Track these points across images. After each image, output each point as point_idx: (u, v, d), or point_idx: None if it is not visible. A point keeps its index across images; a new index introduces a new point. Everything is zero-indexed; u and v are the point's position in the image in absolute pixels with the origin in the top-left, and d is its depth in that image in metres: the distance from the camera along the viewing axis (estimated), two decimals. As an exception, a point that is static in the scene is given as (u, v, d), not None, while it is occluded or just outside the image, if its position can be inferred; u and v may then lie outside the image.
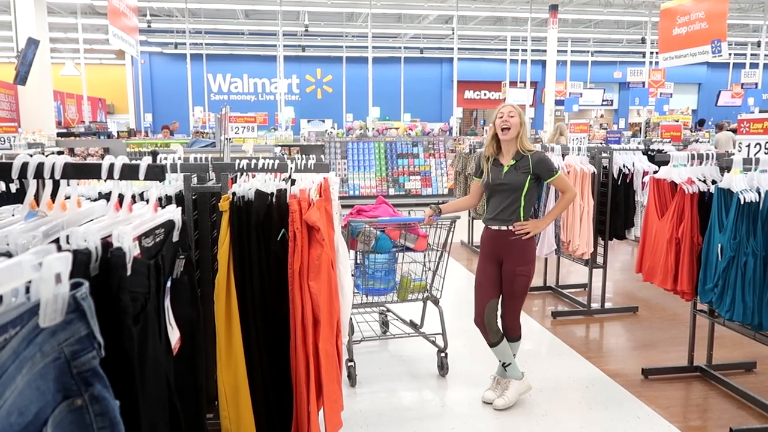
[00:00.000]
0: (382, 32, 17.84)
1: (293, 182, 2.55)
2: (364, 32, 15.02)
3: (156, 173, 1.14)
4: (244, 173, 2.64)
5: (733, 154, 3.53)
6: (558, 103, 15.38)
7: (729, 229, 3.06)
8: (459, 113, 17.59)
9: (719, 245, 3.12)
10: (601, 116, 22.12)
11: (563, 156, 5.22)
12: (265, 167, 2.58)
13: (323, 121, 16.95)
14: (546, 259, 5.58)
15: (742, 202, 2.98)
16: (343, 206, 3.49)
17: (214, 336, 2.34)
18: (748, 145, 3.49)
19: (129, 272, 0.94)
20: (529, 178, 3.18)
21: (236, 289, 2.32)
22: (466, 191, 7.61)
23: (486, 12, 15.52)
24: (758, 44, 16.00)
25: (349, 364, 3.63)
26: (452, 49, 15.36)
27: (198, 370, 1.48)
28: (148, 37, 17.88)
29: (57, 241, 0.92)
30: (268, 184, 2.50)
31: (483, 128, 16.21)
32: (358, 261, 3.73)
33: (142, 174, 1.11)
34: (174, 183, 2.53)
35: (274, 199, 2.39)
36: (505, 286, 3.28)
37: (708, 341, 3.78)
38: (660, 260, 3.57)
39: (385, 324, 4.44)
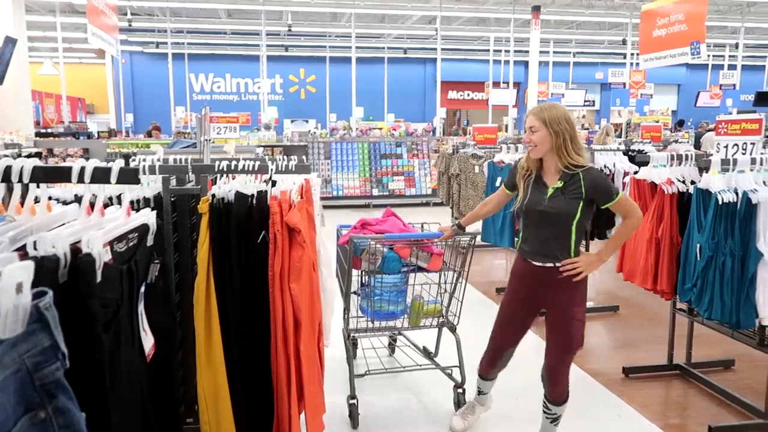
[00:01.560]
0: (366, 32, 17.81)
1: (274, 184, 2.53)
2: (348, 32, 15.00)
3: (129, 176, 1.12)
4: (224, 175, 2.61)
5: (711, 154, 3.58)
6: (540, 103, 15.46)
7: (707, 229, 3.09)
8: (443, 114, 17.65)
9: (698, 245, 3.15)
10: (583, 116, 22.31)
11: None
12: (246, 169, 2.55)
13: (307, 122, 16.86)
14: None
15: (720, 203, 3.01)
16: (324, 207, 3.32)
17: (194, 340, 2.31)
18: (726, 146, 3.54)
19: (99, 278, 0.92)
20: (581, 204, 2.50)
21: (216, 292, 2.29)
22: (449, 192, 7.62)
23: (469, 13, 15.56)
24: (736, 46, 16.25)
25: (351, 401, 3.15)
26: (435, 49, 15.38)
27: (173, 376, 1.46)
28: (129, 36, 17.67)
29: (24, 247, 0.90)
30: (249, 185, 2.47)
31: (465, 129, 16.25)
32: (364, 281, 3.24)
33: (114, 177, 1.09)
34: (152, 185, 2.49)
35: (254, 201, 2.36)
36: (554, 335, 2.65)
37: (687, 340, 3.82)
38: (640, 260, 3.60)
39: (391, 347, 4.02)
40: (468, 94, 21.64)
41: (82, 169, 1.07)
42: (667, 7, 10.27)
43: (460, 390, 3.30)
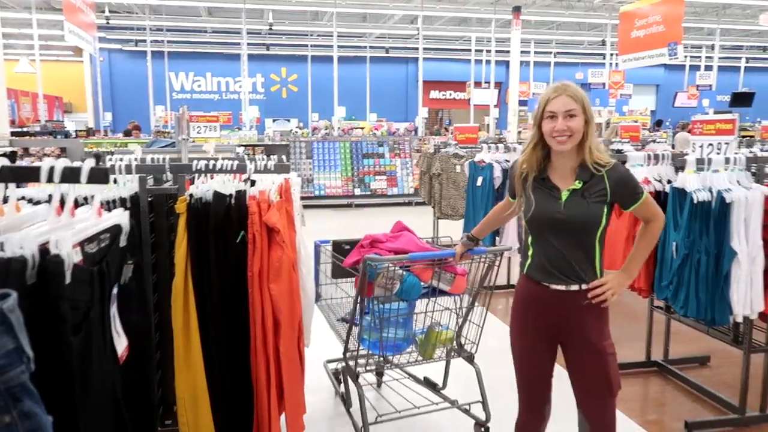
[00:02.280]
0: (348, 32, 17.78)
1: (253, 183, 2.51)
2: (330, 31, 14.95)
3: (99, 176, 1.10)
4: (203, 174, 2.58)
5: (687, 154, 3.63)
6: (522, 103, 15.58)
7: (683, 228, 3.14)
8: (425, 113, 17.68)
9: (674, 243, 3.20)
10: (564, 116, 22.51)
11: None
12: (224, 168, 2.53)
13: (288, 121, 16.81)
14: (509, 258, 5.64)
15: (695, 202, 3.06)
16: (306, 206, 3.23)
17: (172, 341, 2.28)
18: (702, 146, 3.59)
19: (68, 280, 0.91)
20: (606, 209, 2.05)
21: (194, 293, 2.27)
22: (431, 191, 7.64)
23: (450, 13, 15.61)
24: (712, 47, 16.53)
25: None
26: (417, 49, 15.42)
27: (149, 377, 1.44)
28: (107, 33, 17.42)
29: (-9, 248, 0.88)
30: (227, 185, 2.45)
31: (447, 128, 16.31)
32: (367, 308, 2.73)
33: (84, 177, 1.07)
34: (128, 185, 2.46)
35: (233, 201, 2.35)
36: (585, 378, 2.15)
37: (665, 337, 3.88)
38: (618, 258, 3.63)
39: (379, 381, 3.51)
40: (450, 94, 21.71)
41: (51, 168, 1.06)
42: (645, 9, 10.41)
43: (483, 429, 2.88)
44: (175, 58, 18.90)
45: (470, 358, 2.90)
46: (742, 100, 17.94)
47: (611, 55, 15.36)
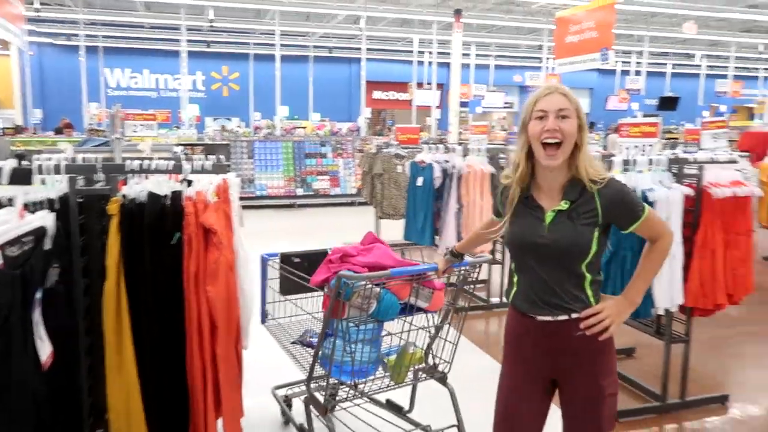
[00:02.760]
0: (291, 30, 17.61)
1: (190, 183, 2.48)
2: (272, 30, 14.77)
3: (22, 177, 1.07)
4: (137, 174, 2.52)
5: (614, 155, 3.81)
6: (462, 105, 15.88)
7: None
8: (367, 113, 17.75)
9: (602, 241, 3.35)
10: (503, 118, 23.09)
11: (464, 156, 5.42)
12: (159, 168, 2.48)
13: (230, 120, 16.48)
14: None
15: (620, 201, 3.22)
16: (248, 207, 3.04)
17: (103, 346, 2.22)
18: (628, 147, 3.78)
19: (-13, 284, 0.88)
20: (597, 232, 1.79)
21: (127, 296, 2.22)
22: (373, 191, 7.69)
23: (393, 14, 15.72)
24: (641, 53, 17.33)
25: None
26: (360, 49, 15.46)
27: (78, 384, 1.41)
28: (38, 26, 16.59)
29: None
30: (162, 185, 2.41)
31: (390, 129, 16.43)
32: (331, 330, 2.42)
33: (5, 178, 1.04)
34: (57, 185, 2.37)
35: (168, 202, 2.31)
36: (576, 420, 1.91)
37: (595, 330, 4.05)
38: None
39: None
40: (393, 94, 21.87)
41: (-30, 169, 1.02)
42: (579, 15, 10.82)
43: None
44: (110, 53, 18.20)
45: (443, 379, 2.65)
46: (668, 104, 18.90)
47: (548, 59, 15.87)
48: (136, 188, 2.33)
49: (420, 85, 17.41)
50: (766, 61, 21.18)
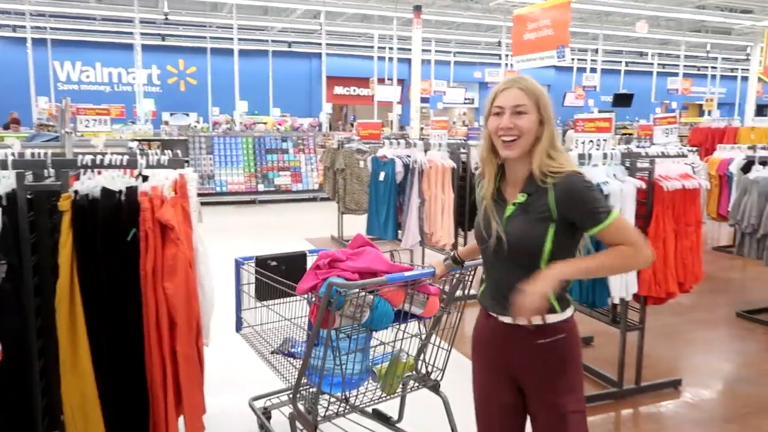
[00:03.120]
0: (249, 24, 17.37)
1: (145, 179, 2.42)
2: (230, 23, 14.54)
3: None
4: (89, 170, 2.44)
5: (571, 150, 3.90)
6: (423, 100, 15.97)
7: (567, 218, 3.37)
8: (328, 109, 17.67)
9: (560, 233, 3.42)
10: (464, 114, 23.34)
11: (425, 151, 5.45)
12: (113, 163, 2.41)
13: (187, 115, 16.15)
14: (411, 251, 5.77)
15: (577, 194, 3.29)
16: (208, 203, 2.91)
17: (57, 346, 2.15)
18: (583, 142, 3.87)
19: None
20: (551, 229, 1.69)
21: (81, 294, 2.16)
22: (335, 187, 7.66)
23: (353, 9, 15.68)
24: (596, 51, 17.76)
25: None
26: (321, 44, 15.36)
27: (29, 385, 1.36)
28: (-20, 17, 15.93)
29: None
30: (117, 181, 2.34)
31: (352, 124, 16.40)
32: (319, 341, 2.24)
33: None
34: (4, 181, 2.28)
35: (122, 197, 2.25)
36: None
37: (553, 321, 4.14)
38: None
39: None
40: (354, 90, 21.82)
41: None
42: (536, 13, 10.99)
43: None
44: (60, 46, 17.57)
45: (436, 387, 2.51)
46: (622, 100, 19.45)
47: (506, 55, 16.09)
48: (88, 184, 2.26)
49: (381, 80, 17.42)
50: (713, 59, 21.97)
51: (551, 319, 1.72)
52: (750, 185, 4.70)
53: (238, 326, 2.84)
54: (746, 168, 5.61)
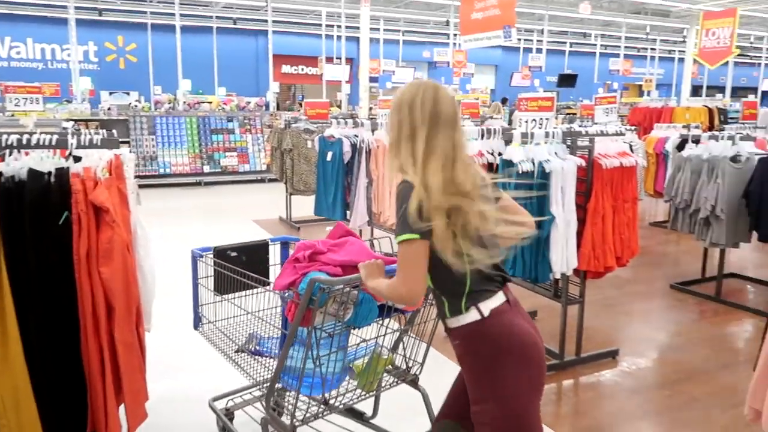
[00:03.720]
0: (191, -1, 16.80)
1: (77, 160, 2.31)
2: (171, -2, 13.99)
3: None
4: (15, 150, 2.31)
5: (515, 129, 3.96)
6: (372, 80, 15.88)
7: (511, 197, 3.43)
8: (276, 88, 17.33)
9: (504, 210, 3.49)
10: (414, 93, 23.31)
11: (373, 131, 5.43)
12: (41, 143, 2.29)
13: (128, 94, 15.54)
14: (360, 231, 5.77)
15: (520, 172, 3.36)
16: (151, 186, 2.79)
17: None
18: (527, 121, 3.93)
19: None
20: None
21: (9, 281, 2.06)
22: (282, 167, 7.57)
23: (300, -15, 15.38)
24: (542, 32, 18.02)
25: None
26: (267, 21, 14.99)
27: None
28: None
29: None
30: (46, 162, 2.23)
31: (301, 104, 16.17)
32: (296, 340, 2.11)
33: None
34: None
35: (52, 179, 2.15)
36: None
37: (499, 296, 4.24)
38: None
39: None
40: (302, 69, 21.45)
41: None
42: (483, -8, 11.03)
43: None
44: (-14, 19, 16.54)
45: (415, 382, 2.43)
46: (567, 80, 19.85)
47: (455, 35, 16.14)
48: (14, 165, 2.14)
49: (330, 59, 17.18)
50: (653, 41, 22.69)
51: (449, 323, 1.76)
52: (683, 162, 4.90)
53: (197, 323, 2.68)
54: (681, 146, 5.86)
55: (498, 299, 1.74)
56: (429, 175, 1.64)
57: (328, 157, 5.52)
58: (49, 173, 2.13)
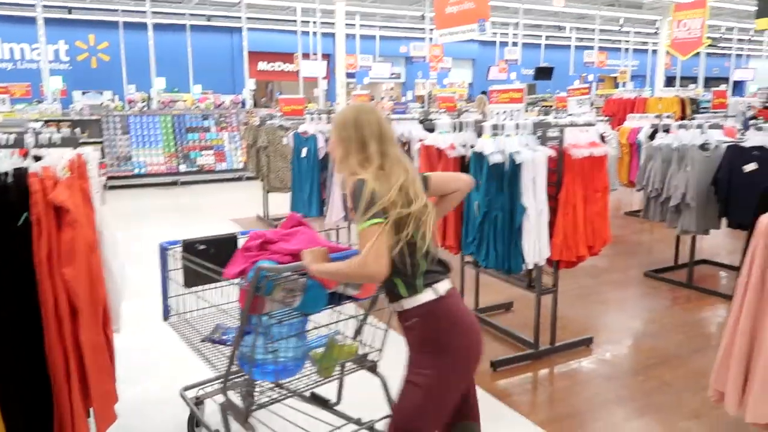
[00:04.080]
0: (163, -4, 16.55)
1: (37, 159, 2.26)
2: (142, -5, 13.76)
3: None
4: (-28, 151, 2.25)
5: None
6: (349, 75, 15.82)
7: (483, 188, 3.44)
8: (252, 85, 17.18)
9: (476, 203, 3.50)
10: (392, 89, 23.33)
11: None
12: (-2, 143, 2.23)
13: (101, 93, 15.28)
14: (337, 227, 5.75)
15: (491, 164, 3.37)
16: (126, 186, 2.77)
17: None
18: (498, 113, 3.95)
19: None
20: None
21: (-33, 285, 2.01)
22: (258, 164, 7.51)
23: (274, -19, 15.22)
24: (517, 25, 18.10)
25: None
26: (241, 17, 14.84)
27: None
28: None
29: None
30: (3, 162, 2.18)
31: (277, 101, 16.05)
32: (250, 327, 2.15)
33: None
34: None
35: (10, 179, 2.10)
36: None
37: (474, 288, 4.26)
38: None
39: (249, 394, 2.48)
40: (278, 65, 21.29)
41: None
42: (457, -14, 11.02)
43: None
44: (-50, 19, 16.13)
45: (373, 368, 2.47)
46: (543, 73, 20.00)
47: (431, 29, 16.12)
48: (-30, 166, 2.09)
49: (306, 55, 17.06)
50: (626, 33, 22.92)
51: (405, 304, 1.94)
52: (654, 152, 4.96)
53: (165, 314, 2.70)
54: (653, 136, 5.93)
55: (448, 284, 1.98)
56: (381, 174, 1.89)
57: (303, 154, 5.49)
58: (6, 173, 2.08)
